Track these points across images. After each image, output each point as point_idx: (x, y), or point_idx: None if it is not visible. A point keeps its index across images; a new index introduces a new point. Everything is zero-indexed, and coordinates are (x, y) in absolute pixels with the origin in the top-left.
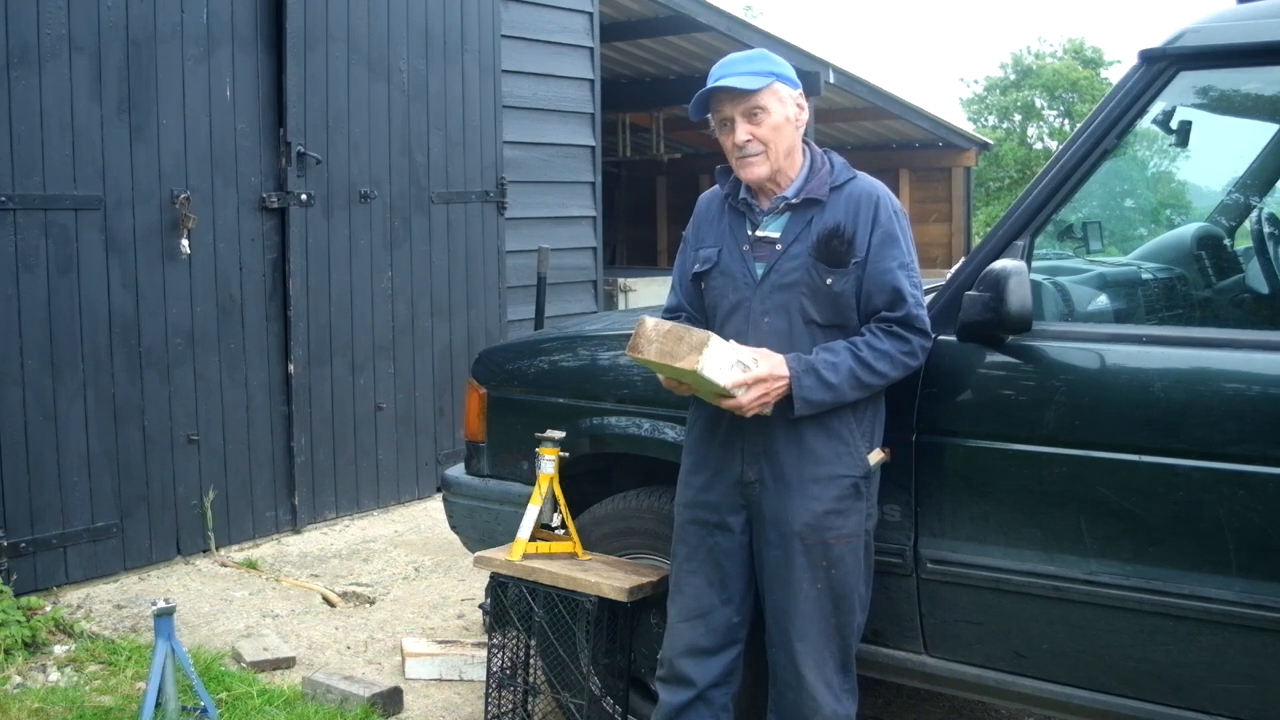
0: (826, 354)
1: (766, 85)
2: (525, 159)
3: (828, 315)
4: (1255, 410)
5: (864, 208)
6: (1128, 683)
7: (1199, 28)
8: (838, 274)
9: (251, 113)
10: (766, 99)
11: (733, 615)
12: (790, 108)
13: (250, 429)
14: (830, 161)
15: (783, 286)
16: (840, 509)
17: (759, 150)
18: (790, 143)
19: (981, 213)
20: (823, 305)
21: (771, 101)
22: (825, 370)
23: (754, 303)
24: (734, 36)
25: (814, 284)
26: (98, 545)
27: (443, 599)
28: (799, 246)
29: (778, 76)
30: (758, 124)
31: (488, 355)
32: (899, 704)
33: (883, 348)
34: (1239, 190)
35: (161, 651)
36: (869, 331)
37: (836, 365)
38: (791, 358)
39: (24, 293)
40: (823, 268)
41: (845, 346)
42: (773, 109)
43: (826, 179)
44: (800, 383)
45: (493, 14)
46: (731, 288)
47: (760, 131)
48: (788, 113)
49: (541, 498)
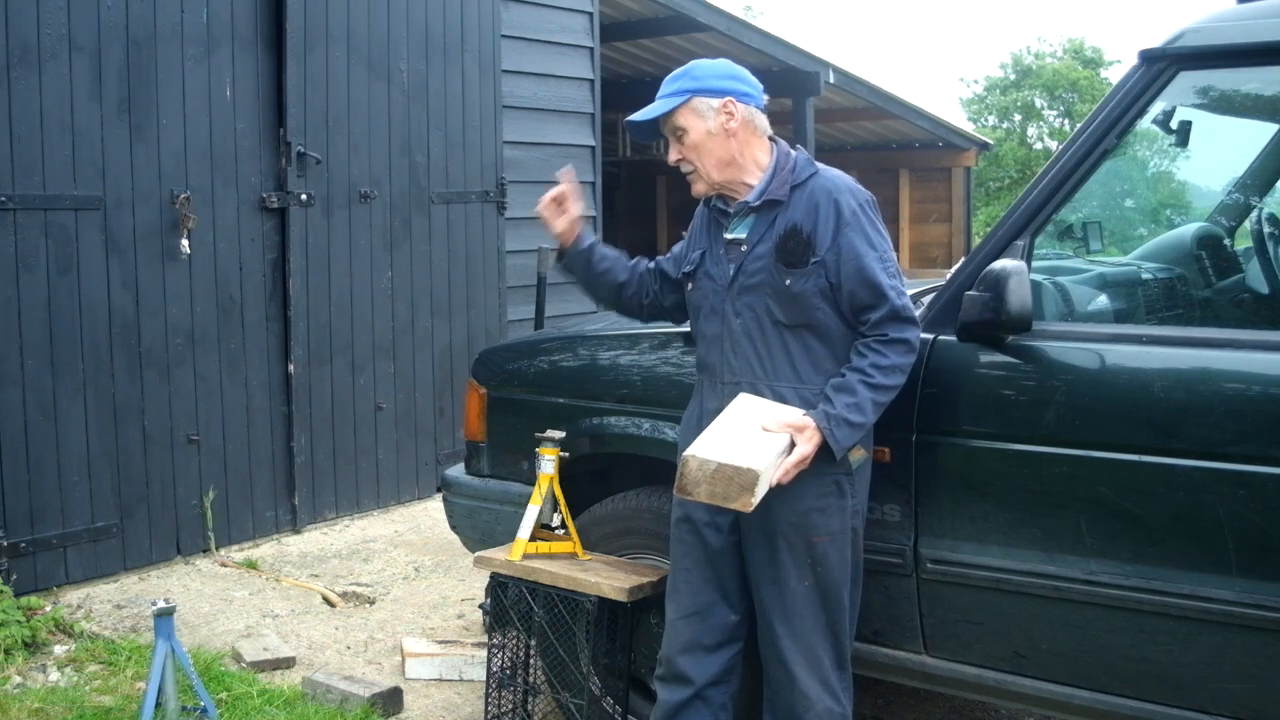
0: (845, 396)
1: (679, 104)
2: (525, 159)
3: (791, 316)
4: (1255, 410)
5: (823, 205)
6: (1128, 683)
7: (1199, 28)
8: (796, 274)
9: (251, 113)
10: (682, 118)
11: (730, 613)
12: (714, 120)
13: (250, 429)
14: (794, 160)
15: (749, 288)
16: (822, 506)
17: (690, 169)
18: (723, 155)
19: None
20: (785, 305)
21: (688, 119)
22: (852, 414)
23: (726, 304)
24: (734, 36)
25: (775, 284)
26: (98, 545)
27: (443, 599)
28: (763, 247)
29: (695, 91)
30: (682, 143)
31: (488, 355)
32: (899, 704)
33: (888, 363)
34: (1239, 190)
35: (161, 651)
36: (869, 350)
37: (859, 405)
38: (818, 415)
39: (24, 293)
40: (782, 268)
41: (859, 380)
42: (691, 126)
43: (788, 178)
44: (836, 439)
45: (493, 14)
46: (711, 289)
47: (687, 150)
48: (709, 126)
49: (541, 498)
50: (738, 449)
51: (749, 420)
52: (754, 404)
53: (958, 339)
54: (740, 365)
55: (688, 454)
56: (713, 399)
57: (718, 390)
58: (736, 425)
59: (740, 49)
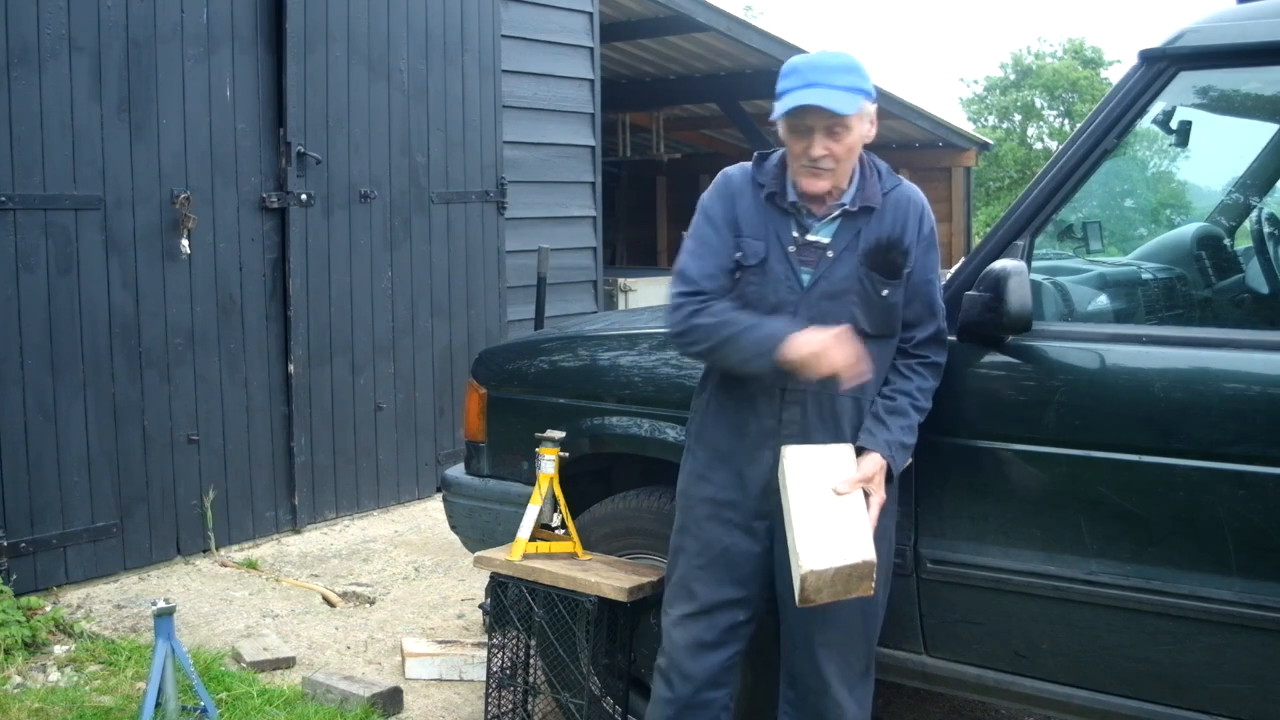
0: (900, 419)
1: (859, 109)
2: (525, 159)
3: (878, 326)
4: (1255, 410)
5: (912, 216)
6: (1128, 683)
7: (1199, 28)
8: (894, 284)
9: (251, 113)
10: (854, 120)
11: (740, 614)
12: (866, 125)
13: (250, 429)
14: (877, 167)
15: (832, 295)
16: None
17: (831, 166)
18: (855, 159)
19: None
20: (875, 315)
21: (857, 121)
22: (907, 437)
23: (800, 309)
24: (734, 36)
25: (867, 294)
26: (98, 545)
27: (443, 599)
28: (849, 254)
29: (867, 95)
30: (837, 140)
31: (488, 355)
32: (899, 704)
33: (929, 386)
34: (1239, 190)
35: (161, 651)
36: (913, 373)
37: (912, 427)
38: (879, 447)
39: (24, 293)
40: (878, 278)
41: (910, 405)
42: (856, 128)
43: (877, 186)
44: (896, 464)
45: (493, 14)
46: (772, 290)
47: (837, 149)
48: (865, 131)
49: (541, 498)
50: (840, 541)
51: (818, 490)
52: (807, 462)
53: (958, 339)
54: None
55: (805, 571)
56: (767, 404)
57: (775, 397)
58: (814, 504)
59: (740, 49)
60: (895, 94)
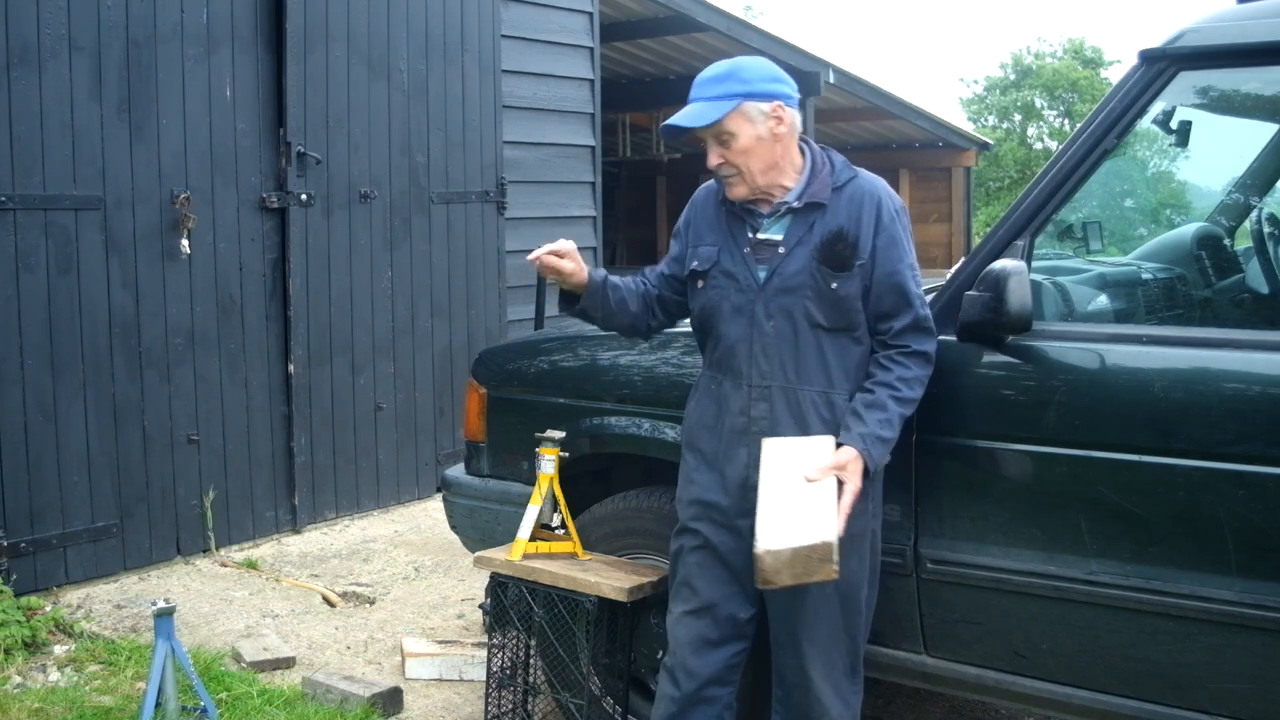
0: (877, 412)
1: (730, 110)
2: (525, 159)
3: (832, 318)
4: (1255, 410)
5: (866, 209)
6: (1128, 683)
7: (1199, 28)
8: (842, 277)
9: (251, 113)
10: (732, 124)
11: (739, 611)
12: (764, 125)
13: (250, 429)
14: (830, 161)
15: (786, 290)
16: None
17: (732, 172)
18: (769, 159)
19: (981, 213)
20: (827, 308)
21: (738, 125)
22: (884, 430)
23: (757, 306)
24: (734, 36)
25: (819, 287)
26: (98, 545)
27: (443, 599)
28: (802, 249)
29: (746, 95)
30: (727, 147)
31: (488, 355)
32: (899, 704)
33: (912, 375)
34: (1239, 190)
35: (161, 651)
36: (893, 363)
37: (890, 420)
38: (854, 440)
39: (24, 293)
40: (827, 271)
41: (888, 396)
42: (741, 132)
43: (828, 180)
44: (872, 456)
45: (493, 14)
46: (734, 289)
47: (731, 155)
48: (759, 131)
49: (541, 498)
50: (801, 523)
51: (790, 477)
52: (783, 452)
53: (958, 339)
54: (772, 368)
55: (760, 550)
56: (737, 401)
57: (743, 393)
58: (783, 490)
59: (740, 49)
60: (895, 94)
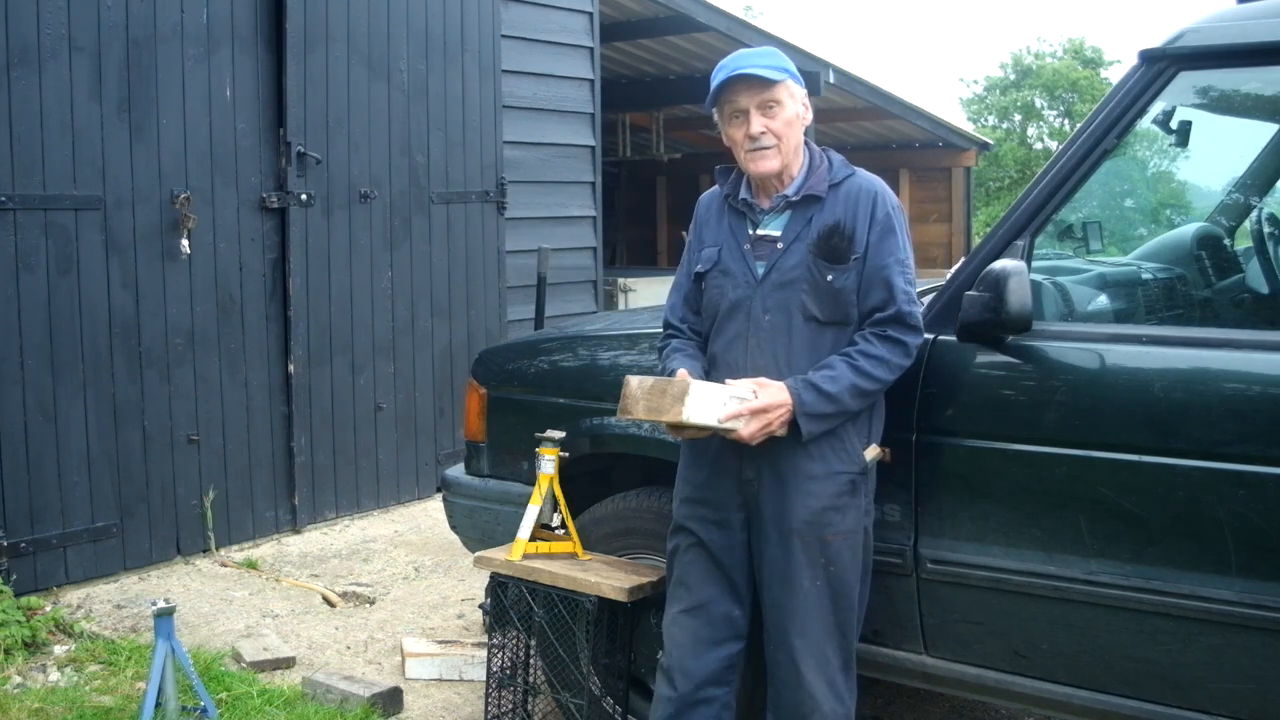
0: (824, 370)
1: (783, 80)
2: (525, 159)
3: (829, 312)
4: (1255, 410)
5: (862, 204)
6: (1128, 683)
7: (1199, 28)
8: (838, 270)
9: (251, 113)
10: (783, 93)
11: (733, 609)
12: (799, 105)
13: (250, 429)
14: (829, 159)
15: (784, 284)
16: (838, 505)
17: (773, 143)
18: (798, 140)
19: (981, 213)
20: (824, 302)
21: (786, 96)
22: (824, 384)
23: (755, 301)
24: (734, 36)
25: (815, 281)
26: (98, 545)
27: (443, 599)
28: (799, 244)
29: (790, 74)
30: (772, 117)
31: (488, 355)
32: (899, 704)
33: (877, 353)
34: (1239, 190)
35: (161, 651)
36: (862, 339)
37: (835, 378)
38: (790, 381)
39: (24, 293)
40: (823, 264)
41: (841, 359)
42: (787, 104)
43: (825, 176)
44: (801, 400)
45: (493, 14)
46: (731, 286)
47: (775, 125)
48: (798, 109)
49: (541, 498)
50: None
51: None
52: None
53: (958, 339)
54: (764, 361)
55: (629, 377)
56: None
57: None
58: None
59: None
60: (895, 94)
